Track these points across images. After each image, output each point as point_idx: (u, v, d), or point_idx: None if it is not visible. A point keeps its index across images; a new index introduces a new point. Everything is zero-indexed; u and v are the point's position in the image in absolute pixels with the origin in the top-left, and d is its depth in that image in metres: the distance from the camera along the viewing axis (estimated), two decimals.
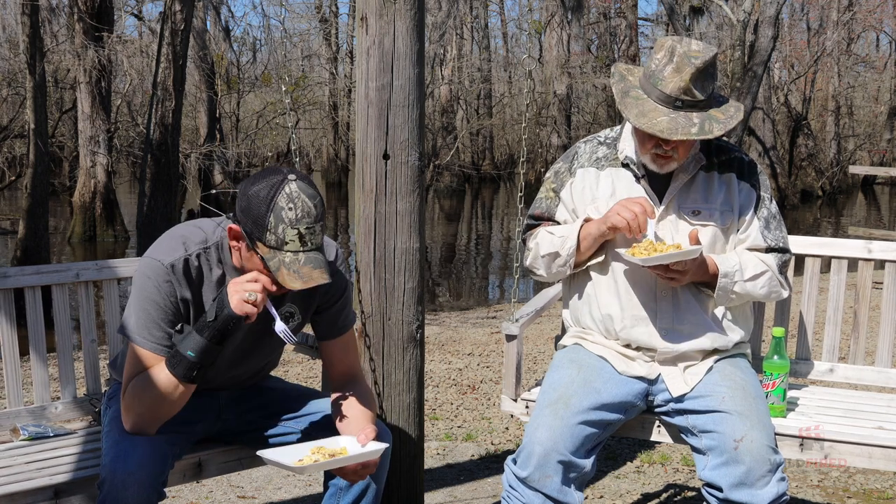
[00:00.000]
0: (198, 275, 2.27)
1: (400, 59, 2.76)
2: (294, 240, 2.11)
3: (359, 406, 2.40)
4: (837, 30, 25.30)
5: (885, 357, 2.94)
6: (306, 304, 2.43)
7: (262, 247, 2.13)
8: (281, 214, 2.10)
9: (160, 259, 2.23)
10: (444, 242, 16.56)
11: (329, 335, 2.48)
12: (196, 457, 2.45)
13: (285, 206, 2.10)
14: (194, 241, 2.28)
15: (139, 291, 2.24)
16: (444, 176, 25.74)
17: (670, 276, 2.48)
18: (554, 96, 23.57)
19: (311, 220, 2.13)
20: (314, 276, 2.12)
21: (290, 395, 2.59)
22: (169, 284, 2.22)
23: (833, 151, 26.76)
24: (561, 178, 2.73)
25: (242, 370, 2.50)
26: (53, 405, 2.81)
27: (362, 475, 2.27)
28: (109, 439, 2.27)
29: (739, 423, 2.39)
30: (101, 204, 15.01)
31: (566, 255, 2.60)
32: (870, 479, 3.80)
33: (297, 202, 2.11)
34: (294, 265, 2.12)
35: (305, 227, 2.12)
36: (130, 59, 19.10)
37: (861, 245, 2.96)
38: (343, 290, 2.46)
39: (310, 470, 2.19)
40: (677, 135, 2.42)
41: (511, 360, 2.76)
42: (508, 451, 4.08)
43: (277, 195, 2.11)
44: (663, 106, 2.47)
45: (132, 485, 2.12)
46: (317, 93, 26.16)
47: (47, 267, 2.81)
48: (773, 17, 14.30)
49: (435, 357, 6.03)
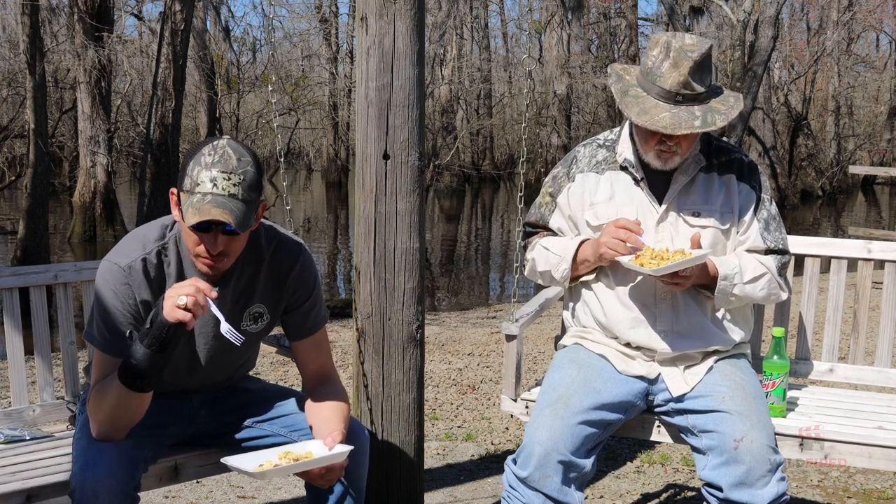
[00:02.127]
0: (157, 273, 2.25)
1: (400, 59, 2.76)
2: (205, 181, 2.11)
3: (329, 407, 2.36)
4: (837, 30, 25.30)
5: (885, 357, 2.94)
6: (275, 303, 2.40)
7: (182, 195, 2.14)
8: (200, 159, 2.13)
9: (117, 262, 2.22)
10: (444, 242, 16.56)
11: (299, 335, 2.45)
12: (172, 460, 2.42)
13: (206, 154, 2.14)
14: (152, 238, 2.27)
15: (99, 296, 2.22)
16: (444, 176, 25.73)
17: (676, 281, 2.48)
18: (554, 96, 23.56)
19: (228, 167, 2.13)
20: (212, 213, 2.08)
21: (267, 396, 2.54)
22: (126, 287, 2.20)
23: (833, 151, 26.75)
24: (559, 183, 2.73)
25: (215, 373, 2.46)
26: (31, 408, 2.79)
27: (329, 479, 2.23)
28: (79, 446, 2.24)
29: (739, 423, 2.40)
30: (101, 204, 15.00)
31: (560, 277, 2.64)
32: (870, 479, 3.80)
33: (218, 152, 2.14)
34: (199, 203, 2.10)
35: (220, 170, 2.12)
36: (130, 59, 19.11)
37: (861, 245, 2.96)
38: (311, 290, 2.43)
39: (270, 475, 2.16)
40: (681, 129, 2.42)
41: (511, 360, 2.76)
42: (508, 451, 4.08)
43: (204, 146, 2.16)
44: (664, 102, 2.47)
45: (103, 492, 2.10)
46: (317, 93, 26.15)
47: (25, 268, 2.79)
48: (773, 17, 14.30)
49: (435, 357, 6.03)
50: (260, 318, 2.39)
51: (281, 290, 2.38)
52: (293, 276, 2.38)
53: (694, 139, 2.54)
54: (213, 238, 2.15)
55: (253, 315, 2.37)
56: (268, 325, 2.44)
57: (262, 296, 2.37)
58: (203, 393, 2.50)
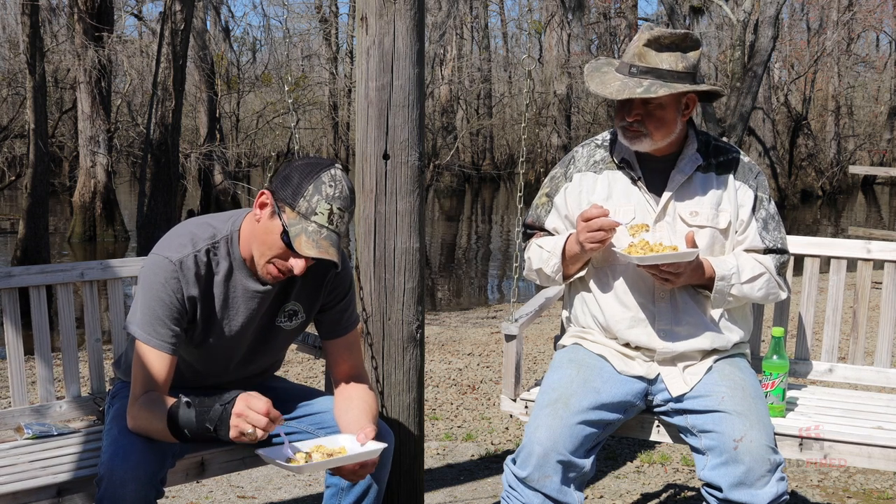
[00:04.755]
0: (206, 271, 2.28)
1: (400, 59, 2.76)
2: (324, 213, 2.17)
3: (360, 405, 2.40)
4: (837, 30, 25.30)
5: (885, 357, 2.94)
6: (311, 302, 2.44)
7: (290, 213, 2.18)
8: (321, 187, 2.18)
9: (168, 256, 2.24)
10: (444, 242, 16.56)
11: (333, 334, 2.49)
12: (199, 456, 2.45)
13: (327, 182, 2.18)
14: (203, 236, 2.29)
15: (146, 289, 2.24)
16: (444, 176, 25.73)
17: (664, 276, 2.48)
18: (554, 96, 23.57)
19: (345, 204, 2.20)
20: (329, 252, 2.17)
21: (293, 394, 2.60)
22: (176, 281, 2.23)
23: (833, 151, 26.76)
24: (556, 183, 2.74)
25: (252, 367, 2.51)
26: (58, 404, 2.81)
27: (361, 475, 2.26)
28: (109, 437, 2.28)
29: (739, 423, 2.40)
30: (101, 204, 15.00)
31: (551, 272, 2.65)
32: (870, 479, 3.80)
33: (338, 183, 2.20)
34: (315, 235, 2.17)
35: (338, 206, 2.19)
36: (130, 59, 19.13)
37: (860, 245, 2.96)
38: (348, 289, 2.48)
39: (307, 470, 2.19)
40: (622, 95, 2.47)
41: (511, 360, 2.76)
42: (508, 451, 4.08)
43: (323, 172, 2.19)
44: (621, 74, 2.55)
45: (130, 482, 2.12)
46: (317, 93, 26.16)
47: (52, 266, 2.81)
48: (773, 17, 14.30)
49: (435, 357, 6.03)
50: (294, 316, 2.44)
51: (318, 290, 2.43)
52: (330, 276, 2.43)
53: (661, 122, 2.53)
54: (306, 265, 2.21)
55: (288, 312, 2.42)
56: (301, 324, 2.48)
57: (299, 294, 2.42)
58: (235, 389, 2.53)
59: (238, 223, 2.32)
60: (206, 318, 2.31)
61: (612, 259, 2.57)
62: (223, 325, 2.34)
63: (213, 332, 2.35)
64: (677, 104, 2.54)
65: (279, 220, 2.19)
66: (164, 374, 2.24)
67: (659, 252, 2.43)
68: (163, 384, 2.25)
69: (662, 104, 2.51)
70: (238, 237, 2.30)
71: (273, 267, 2.24)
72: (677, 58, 2.49)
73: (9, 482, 2.28)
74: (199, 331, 2.33)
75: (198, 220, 2.37)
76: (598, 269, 2.63)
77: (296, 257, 2.20)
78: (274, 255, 2.22)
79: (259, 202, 2.24)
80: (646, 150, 2.57)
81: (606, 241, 2.47)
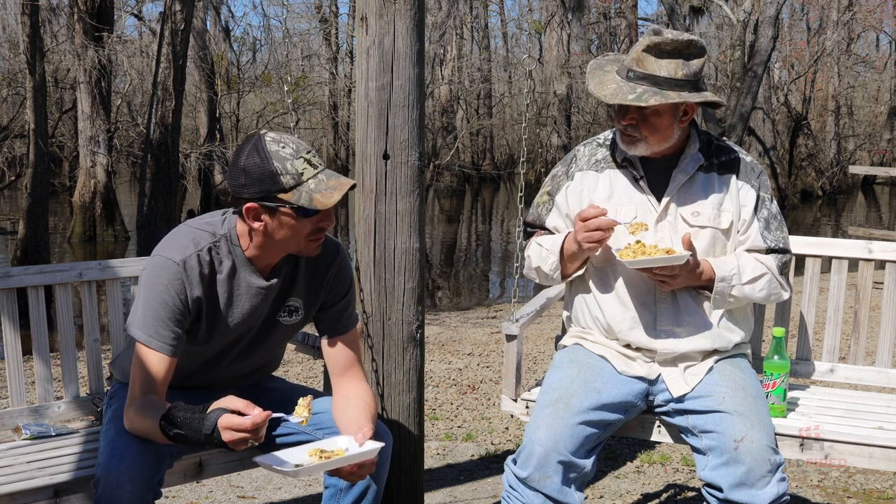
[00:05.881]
0: (210, 269, 2.28)
1: (400, 59, 2.76)
2: (306, 167, 2.18)
3: (359, 404, 2.40)
4: (837, 30, 25.29)
5: (886, 357, 2.94)
6: (311, 300, 2.44)
7: (285, 195, 2.17)
8: (280, 155, 2.17)
9: (171, 257, 2.24)
10: (444, 242, 16.56)
11: (333, 332, 2.49)
12: (197, 456, 2.45)
13: (279, 148, 2.18)
14: (204, 236, 2.29)
15: (148, 290, 2.23)
16: (444, 176, 25.72)
17: (659, 279, 2.48)
18: (554, 96, 23.57)
19: (303, 145, 2.22)
20: (343, 183, 2.20)
21: (291, 394, 2.58)
22: (179, 283, 2.23)
23: (833, 151, 26.75)
24: (557, 182, 2.73)
25: (247, 363, 2.51)
26: (56, 404, 2.81)
27: (360, 475, 2.25)
28: (106, 437, 2.27)
29: (740, 424, 2.39)
30: (101, 204, 15.00)
31: (549, 270, 2.65)
32: (870, 479, 3.80)
33: (284, 140, 2.21)
34: (321, 185, 2.18)
35: (305, 151, 2.20)
36: (130, 59, 19.12)
37: (861, 245, 2.96)
38: (348, 288, 2.48)
39: (304, 473, 2.18)
40: (615, 99, 2.47)
41: (511, 360, 2.76)
42: (508, 451, 4.08)
43: (265, 146, 2.18)
44: (619, 77, 2.53)
45: (127, 483, 2.12)
46: (317, 93, 26.16)
47: (51, 266, 2.81)
48: (773, 17, 14.30)
49: (435, 357, 6.03)
50: (295, 312, 2.44)
51: (319, 287, 2.43)
52: (331, 274, 2.43)
53: (656, 128, 2.51)
54: (330, 211, 2.24)
55: (288, 308, 2.43)
56: (301, 321, 2.48)
57: (300, 290, 2.42)
58: (228, 389, 2.51)
59: (233, 221, 2.31)
60: (210, 315, 2.31)
61: (612, 259, 2.57)
62: (227, 321, 2.34)
63: (217, 330, 2.35)
64: (674, 111, 2.52)
65: (283, 211, 2.19)
66: (164, 376, 2.24)
67: (651, 255, 2.42)
68: (161, 386, 2.24)
69: (658, 111, 2.50)
70: (237, 235, 2.30)
71: (311, 241, 2.26)
72: (678, 65, 2.46)
73: (6, 483, 2.28)
74: (204, 330, 2.33)
75: (195, 220, 2.37)
76: (599, 270, 2.63)
77: (320, 215, 2.23)
78: (307, 232, 2.24)
79: (251, 217, 2.22)
80: (641, 155, 2.57)
81: (604, 241, 2.47)
